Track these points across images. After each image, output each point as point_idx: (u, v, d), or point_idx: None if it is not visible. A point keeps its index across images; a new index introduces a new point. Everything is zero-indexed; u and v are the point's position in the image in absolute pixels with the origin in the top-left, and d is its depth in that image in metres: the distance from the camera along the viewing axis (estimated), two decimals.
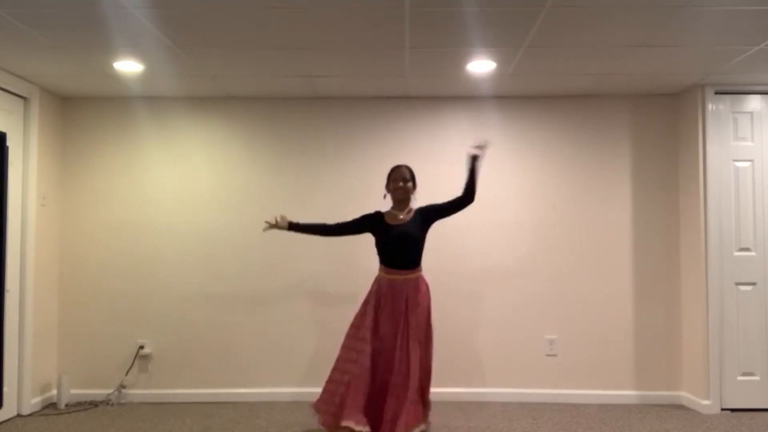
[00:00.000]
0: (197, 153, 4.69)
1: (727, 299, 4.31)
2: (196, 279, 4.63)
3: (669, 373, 4.55)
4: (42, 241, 4.40)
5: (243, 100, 4.70)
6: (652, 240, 4.59)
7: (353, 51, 3.63)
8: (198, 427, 3.99)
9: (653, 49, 3.59)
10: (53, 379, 4.53)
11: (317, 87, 4.42)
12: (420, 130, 4.68)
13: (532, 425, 4.01)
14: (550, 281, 4.61)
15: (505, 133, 4.66)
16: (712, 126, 4.34)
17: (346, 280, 4.59)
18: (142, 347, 4.59)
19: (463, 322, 4.55)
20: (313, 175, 4.68)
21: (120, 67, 3.92)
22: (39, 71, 4.03)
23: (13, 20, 3.13)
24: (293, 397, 4.56)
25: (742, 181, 4.36)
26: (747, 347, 4.31)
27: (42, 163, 4.41)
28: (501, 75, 4.11)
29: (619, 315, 4.58)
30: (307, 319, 4.63)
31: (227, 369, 4.61)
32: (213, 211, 4.66)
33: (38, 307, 4.35)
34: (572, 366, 4.57)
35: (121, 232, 4.64)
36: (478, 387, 4.50)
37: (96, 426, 4.01)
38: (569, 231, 4.62)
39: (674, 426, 3.99)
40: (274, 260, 4.64)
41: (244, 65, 3.90)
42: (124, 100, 4.67)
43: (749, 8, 2.98)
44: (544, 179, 4.65)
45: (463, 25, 3.21)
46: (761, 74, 4.08)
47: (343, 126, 4.70)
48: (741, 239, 4.35)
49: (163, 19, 3.13)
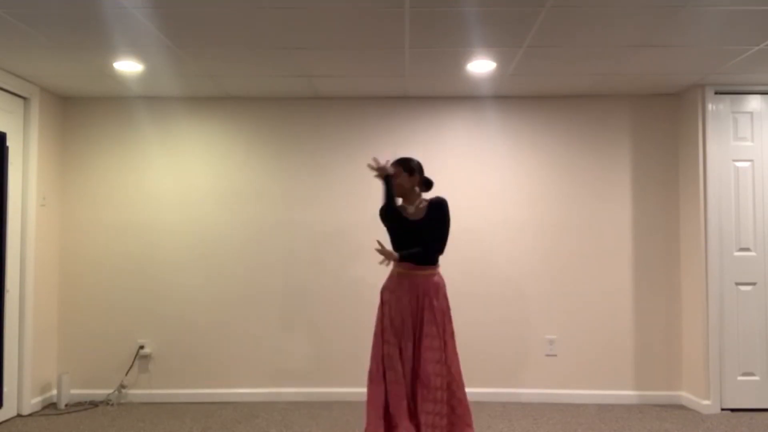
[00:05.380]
0: (197, 153, 4.69)
1: (727, 299, 4.32)
2: (196, 279, 4.64)
3: (669, 373, 4.55)
4: (42, 241, 4.40)
5: (243, 100, 4.70)
6: (652, 240, 4.60)
7: (353, 51, 3.63)
8: (198, 427, 3.99)
9: (653, 49, 3.60)
10: (53, 379, 4.53)
11: (317, 87, 4.42)
12: (420, 130, 4.68)
13: (532, 425, 4.01)
14: (550, 281, 4.61)
15: (505, 133, 4.66)
16: (712, 126, 4.34)
17: (346, 280, 4.60)
18: (142, 347, 4.60)
19: (463, 322, 4.55)
20: (313, 174, 4.68)
21: (120, 67, 3.92)
22: (39, 71, 4.03)
23: (13, 20, 3.12)
24: (293, 397, 4.56)
25: (742, 181, 4.37)
26: (747, 347, 4.31)
27: (42, 163, 4.41)
28: (501, 75, 4.11)
29: (620, 315, 4.58)
30: (308, 319, 4.63)
31: (227, 369, 4.61)
32: (213, 210, 4.66)
33: (38, 307, 4.36)
34: (572, 366, 4.57)
35: (121, 231, 4.65)
36: (478, 387, 4.50)
37: (96, 426, 4.01)
38: (569, 231, 4.62)
39: (674, 426, 4.00)
40: (274, 260, 4.64)
41: (244, 65, 3.90)
42: (124, 100, 4.67)
43: (749, 8, 2.98)
44: (544, 179, 4.65)
45: (463, 25, 3.21)
46: (761, 74, 4.08)
47: (343, 126, 4.70)
48: (741, 239, 4.35)
49: (163, 19, 3.13)
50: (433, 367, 3.17)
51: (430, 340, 3.22)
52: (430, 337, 3.22)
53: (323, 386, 4.58)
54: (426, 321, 3.25)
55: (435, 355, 3.20)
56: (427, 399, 3.13)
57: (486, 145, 4.67)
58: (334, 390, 4.56)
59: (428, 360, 3.18)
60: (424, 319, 3.25)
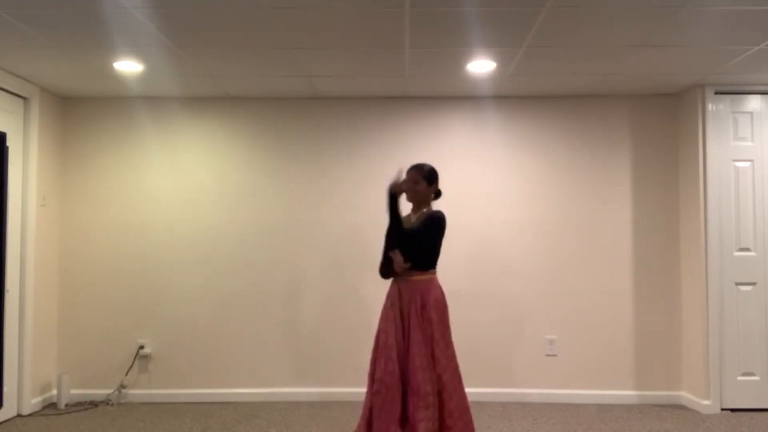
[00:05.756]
0: (197, 153, 4.69)
1: (727, 299, 4.32)
2: (197, 279, 4.64)
3: (669, 373, 4.55)
4: (42, 241, 4.40)
5: (243, 100, 4.70)
6: (652, 240, 4.60)
7: (353, 51, 3.63)
8: (198, 427, 3.99)
9: (653, 49, 3.60)
10: (53, 379, 4.53)
11: (317, 87, 4.42)
12: (420, 130, 4.68)
13: (532, 425, 4.01)
14: (550, 281, 4.61)
15: (505, 133, 4.66)
16: (712, 126, 4.34)
17: (346, 280, 4.60)
18: (142, 347, 4.60)
19: (463, 322, 4.54)
20: (313, 174, 4.68)
21: (120, 67, 3.92)
22: (39, 71, 4.03)
23: (13, 20, 3.12)
24: (293, 397, 4.56)
25: (742, 181, 4.37)
26: (747, 347, 4.31)
27: (42, 163, 4.41)
28: (501, 75, 4.11)
29: (620, 315, 4.58)
30: (308, 318, 4.63)
31: (227, 369, 4.61)
32: (213, 210, 4.66)
33: (38, 307, 4.36)
34: (572, 366, 4.57)
35: (121, 231, 4.65)
36: (478, 387, 4.50)
37: (96, 426, 4.01)
38: (569, 231, 4.62)
39: (674, 426, 4.00)
40: (274, 260, 4.64)
41: (244, 65, 3.90)
42: (124, 100, 4.67)
43: (749, 8, 2.98)
44: (544, 179, 4.65)
45: (463, 25, 3.21)
46: (761, 74, 4.08)
47: (343, 126, 4.70)
48: (741, 239, 4.35)
49: (163, 19, 3.13)
50: (422, 374, 3.12)
51: (418, 346, 3.17)
52: (417, 343, 3.17)
53: (323, 386, 4.58)
54: (413, 327, 3.19)
55: (423, 361, 3.15)
56: (419, 406, 3.08)
57: (486, 145, 4.67)
58: (334, 390, 4.56)
59: (417, 367, 3.13)
60: (411, 326, 3.20)
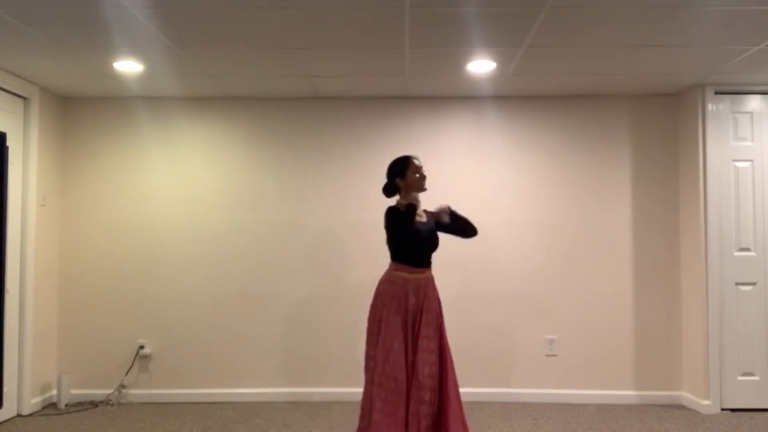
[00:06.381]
0: (197, 153, 4.69)
1: (727, 299, 4.32)
2: (196, 279, 4.64)
3: (669, 373, 4.55)
4: (42, 241, 4.40)
5: (243, 100, 4.70)
6: (652, 240, 4.60)
7: (353, 51, 3.63)
8: (198, 427, 3.99)
9: (653, 49, 3.59)
10: (53, 379, 4.53)
11: (317, 87, 4.42)
12: (420, 130, 4.68)
13: (532, 425, 4.01)
14: (550, 281, 4.61)
15: (505, 133, 4.67)
16: (712, 126, 4.34)
17: (346, 279, 4.60)
18: (142, 347, 4.60)
19: (463, 322, 4.55)
20: (313, 175, 4.68)
21: (120, 67, 3.92)
22: (39, 71, 4.03)
23: (13, 20, 3.12)
24: (293, 397, 4.56)
25: (742, 181, 4.37)
26: (747, 347, 4.31)
27: (42, 163, 4.41)
28: (501, 75, 4.11)
29: (620, 315, 4.58)
30: (307, 318, 4.63)
31: (227, 369, 4.61)
32: (213, 210, 4.66)
33: (38, 307, 4.36)
34: (572, 366, 4.57)
35: (121, 232, 4.65)
36: (478, 387, 4.50)
37: (96, 426, 4.01)
38: (569, 231, 4.62)
39: (674, 426, 4.00)
40: (273, 260, 4.64)
41: (244, 65, 3.90)
42: (124, 100, 4.67)
43: (749, 8, 2.98)
44: (544, 179, 4.65)
45: (463, 25, 3.21)
46: (761, 74, 4.08)
47: (343, 126, 4.70)
48: (741, 239, 4.35)
49: (163, 19, 3.13)
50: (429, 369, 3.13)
51: (427, 341, 3.18)
52: (427, 338, 3.19)
53: (323, 386, 4.58)
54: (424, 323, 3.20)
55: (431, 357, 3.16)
56: (423, 401, 3.08)
57: (486, 145, 4.67)
58: (334, 390, 4.56)
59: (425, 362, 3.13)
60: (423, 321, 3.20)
